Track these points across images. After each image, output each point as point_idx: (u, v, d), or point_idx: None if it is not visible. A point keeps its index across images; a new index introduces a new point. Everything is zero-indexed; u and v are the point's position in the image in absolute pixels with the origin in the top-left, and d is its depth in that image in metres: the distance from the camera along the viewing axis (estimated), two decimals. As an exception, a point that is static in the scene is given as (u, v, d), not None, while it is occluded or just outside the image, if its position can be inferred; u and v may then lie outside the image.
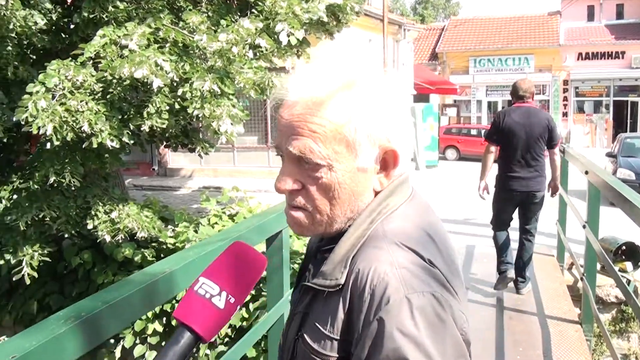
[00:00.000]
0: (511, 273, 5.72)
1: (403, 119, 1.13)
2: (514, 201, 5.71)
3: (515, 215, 5.87)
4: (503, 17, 32.72)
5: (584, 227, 5.05)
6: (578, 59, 29.37)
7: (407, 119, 1.14)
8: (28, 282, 7.78)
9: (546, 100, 30.26)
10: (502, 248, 5.81)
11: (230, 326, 7.64)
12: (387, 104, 1.10)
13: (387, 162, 1.12)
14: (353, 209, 1.11)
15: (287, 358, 1.16)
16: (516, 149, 5.51)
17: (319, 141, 1.06)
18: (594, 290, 5.07)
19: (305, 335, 1.09)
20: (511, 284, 5.85)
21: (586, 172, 4.96)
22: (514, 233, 5.96)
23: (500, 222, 5.86)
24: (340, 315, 1.04)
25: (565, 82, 29.79)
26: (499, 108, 31.06)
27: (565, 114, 29.84)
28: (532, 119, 5.51)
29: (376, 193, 1.14)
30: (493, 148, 5.78)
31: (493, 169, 5.89)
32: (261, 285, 7.57)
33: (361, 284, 1.01)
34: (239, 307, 1.02)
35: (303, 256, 1.36)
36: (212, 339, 1.01)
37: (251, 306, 7.57)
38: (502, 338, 4.93)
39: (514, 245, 5.89)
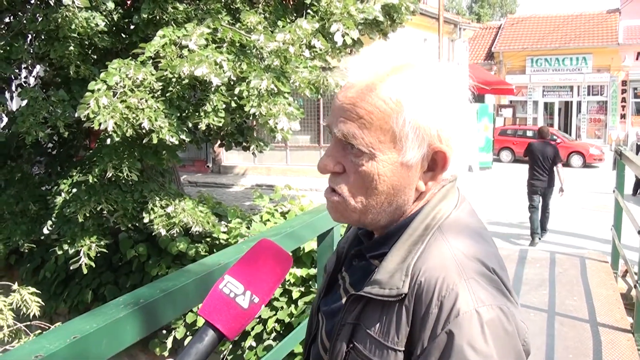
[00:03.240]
0: (538, 240, 9.98)
1: (461, 119, 1.07)
2: (538, 193, 9.98)
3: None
4: (561, 15, 31.89)
5: (639, 233, 4.94)
6: (637, 58, 28.39)
7: (467, 119, 1.08)
8: (85, 271, 8.01)
9: (604, 102, 29.41)
10: (534, 223, 10.04)
11: (278, 321, 7.73)
12: (443, 101, 1.04)
13: (435, 163, 1.06)
14: (391, 203, 1.07)
15: None
16: (537, 164, 9.87)
17: (364, 128, 1.02)
18: (648, 299, 4.95)
19: (359, 347, 1.04)
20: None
21: (643, 176, 4.86)
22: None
23: (533, 206, 10.06)
24: (404, 325, 0.99)
25: (624, 83, 28.88)
26: (556, 109, 30.48)
27: (623, 116, 28.95)
28: (546, 149, 9.86)
29: (420, 193, 1.10)
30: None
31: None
32: (310, 282, 7.65)
33: (428, 294, 0.97)
34: (263, 306, 1.02)
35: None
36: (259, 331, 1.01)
37: (300, 302, 7.63)
38: (553, 344, 4.86)
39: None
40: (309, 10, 7.73)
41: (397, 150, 1.03)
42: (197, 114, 7.20)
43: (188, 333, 8.51)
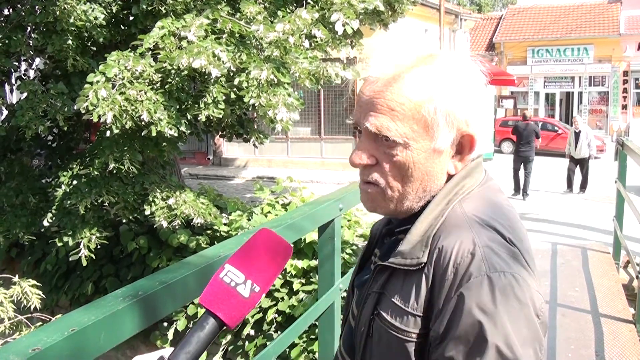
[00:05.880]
0: (519, 196, 13.24)
1: (483, 103, 1.15)
2: (520, 161, 13.30)
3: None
4: (562, 5, 31.73)
5: (641, 223, 4.93)
6: (639, 48, 28.28)
7: (487, 103, 1.16)
8: (85, 263, 8.02)
9: (605, 92, 29.34)
10: (517, 183, 13.45)
11: (278, 312, 7.73)
12: (467, 87, 1.12)
13: (463, 146, 1.14)
14: (425, 189, 1.13)
15: (362, 338, 1.18)
16: (521, 139, 13.28)
17: (396, 119, 1.08)
18: (650, 289, 4.94)
19: (383, 314, 1.11)
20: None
21: (645, 167, 4.84)
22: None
23: (516, 170, 13.42)
24: (423, 292, 1.05)
25: (625, 73, 28.78)
26: (557, 100, 30.45)
27: (624, 107, 28.87)
28: (528, 127, 13.31)
29: (450, 176, 1.16)
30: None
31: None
32: (311, 273, 7.64)
33: (445, 261, 1.03)
34: (263, 295, 1.02)
35: (361, 243, 1.38)
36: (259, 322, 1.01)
37: (301, 294, 7.63)
38: (554, 335, 4.85)
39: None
40: (309, 0, 7.68)
41: (430, 137, 1.10)
42: (196, 105, 7.18)
43: (189, 325, 8.52)
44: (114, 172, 7.68)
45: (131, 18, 8.10)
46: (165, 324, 8.69)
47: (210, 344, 0.98)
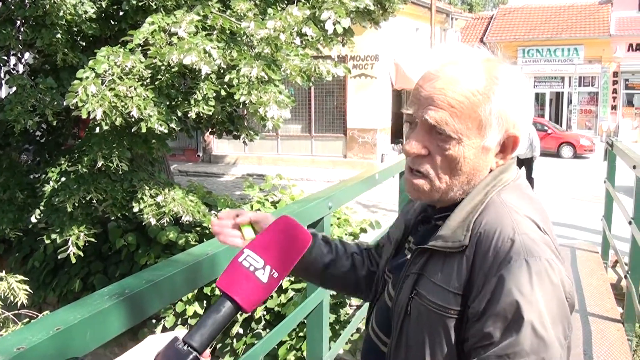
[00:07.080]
0: None
1: (530, 107, 1.25)
2: None
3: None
4: (553, 5, 31.72)
5: (629, 223, 4.93)
6: (629, 50, 28.31)
7: (532, 108, 1.26)
8: (73, 260, 7.98)
9: (595, 93, 29.41)
10: None
11: (266, 309, 7.71)
12: (520, 92, 1.22)
13: (506, 146, 1.23)
14: (470, 182, 1.22)
15: (400, 316, 1.26)
16: None
17: (455, 115, 1.16)
18: (637, 289, 4.92)
19: (422, 293, 1.20)
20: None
21: (634, 167, 4.84)
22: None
23: None
24: (464, 272, 1.14)
25: (615, 74, 28.80)
26: (547, 100, 30.41)
27: (614, 107, 28.92)
28: None
29: (491, 171, 1.25)
30: None
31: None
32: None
33: (486, 245, 1.13)
34: (280, 282, 1.03)
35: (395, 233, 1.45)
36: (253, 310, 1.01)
37: (289, 291, 7.62)
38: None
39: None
40: (300, -2, 7.67)
41: (481, 136, 1.19)
42: (186, 102, 7.15)
43: (178, 322, 8.49)
44: (103, 169, 7.64)
45: (121, 13, 8.06)
46: (154, 321, 8.66)
47: (226, 326, 0.98)
